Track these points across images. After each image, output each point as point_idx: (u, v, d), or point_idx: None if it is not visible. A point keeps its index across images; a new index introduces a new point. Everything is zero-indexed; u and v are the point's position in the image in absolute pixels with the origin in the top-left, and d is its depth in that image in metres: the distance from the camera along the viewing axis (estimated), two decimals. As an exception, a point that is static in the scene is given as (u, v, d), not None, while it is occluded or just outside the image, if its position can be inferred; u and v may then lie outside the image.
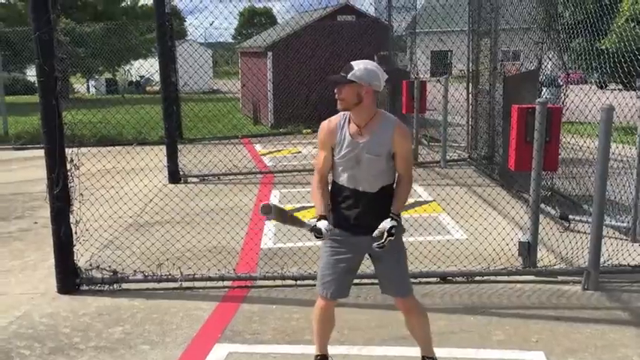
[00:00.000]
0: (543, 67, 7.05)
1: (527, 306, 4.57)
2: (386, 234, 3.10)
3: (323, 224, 3.20)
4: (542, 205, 5.85)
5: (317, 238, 3.21)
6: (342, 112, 3.27)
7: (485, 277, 5.03)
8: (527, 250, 5.05)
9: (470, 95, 10.19)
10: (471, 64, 10.17)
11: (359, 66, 3.12)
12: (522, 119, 5.07)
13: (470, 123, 10.29)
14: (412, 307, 3.39)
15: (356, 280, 3.67)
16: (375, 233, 3.14)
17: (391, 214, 3.17)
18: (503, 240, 5.53)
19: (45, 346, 4.08)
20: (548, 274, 5.04)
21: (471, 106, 10.17)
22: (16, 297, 4.96)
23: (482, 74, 9.62)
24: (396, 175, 3.28)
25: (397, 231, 3.14)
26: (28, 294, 5.01)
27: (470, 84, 10.19)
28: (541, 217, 5.25)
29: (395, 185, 3.29)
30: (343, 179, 3.25)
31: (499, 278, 5.02)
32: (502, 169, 8.05)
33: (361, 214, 3.23)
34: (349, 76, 3.10)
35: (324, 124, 3.31)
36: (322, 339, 3.54)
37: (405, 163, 3.25)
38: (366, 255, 3.37)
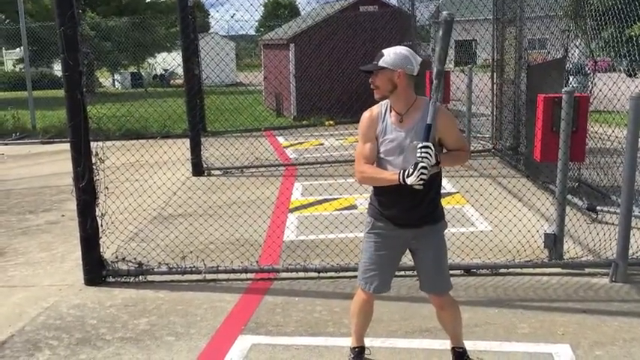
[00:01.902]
0: (570, 55, 6.91)
1: (553, 299, 4.51)
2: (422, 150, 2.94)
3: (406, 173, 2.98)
4: (569, 197, 5.76)
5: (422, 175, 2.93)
6: (382, 102, 3.19)
7: (510, 270, 4.97)
8: (554, 242, 4.97)
9: (495, 85, 10.05)
10: (495, 54, 10.02)
11: (389, 52, 3.08)
12: (548, 109, 4.98)
13: (494, 113, 10.15)
14: (446, 304, 3.37)
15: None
16: (421, 246, 3.21)
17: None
18: (528, 232, 5.46)
19: (72, 336, 4.15)
20: (575, 267, 4.96)
21: (495, 96, 10.03)
22: (45, 288, 5.05)
23: (508, 63, 9.47)
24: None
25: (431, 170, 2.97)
26: (56, 285, 5.10)
27: (494, 73, 10.05)
28: (568, 208, 5.16)
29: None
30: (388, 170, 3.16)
31: (524, 271, 4.96)
32: (527, 160, 7.94)
33: (407, 206, 3.15)
34: (380, 62, 3.06)
35: (365, 115, 3.23)
36: (362, 331, 3.56)
37: (460, 142, 3.21)
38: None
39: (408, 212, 3.17)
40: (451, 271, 4.89)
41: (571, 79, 7.17)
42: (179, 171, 8.52)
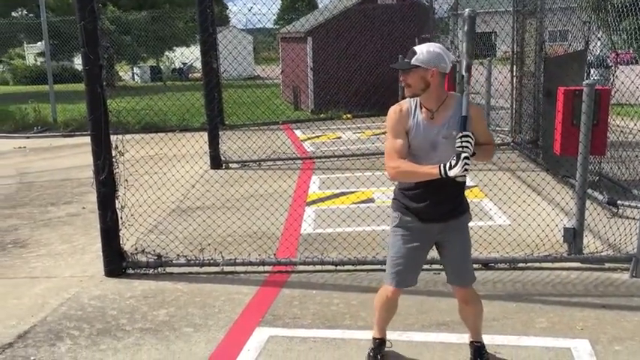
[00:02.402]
0: (591, 47, 6.81)
1: (572, 293, 4.47)
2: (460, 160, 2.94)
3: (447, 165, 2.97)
4: (589, 191, 5.69)
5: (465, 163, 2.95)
6: (409, 98, 3.17)
7: (528, 264, 4.94)
8: (573, 236, 4.92)
9: (514, 78, 9.95)
10: (515, 46, 9.91)
11: (422, 50, 3.04)
12: (569, 102, 4.92)
13: (514, 106, 10.05)
14: (471, 298, 3.37)
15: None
16: (449, 238, 3.23)
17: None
18: (547, 226, 5.41)
19: (93, 327, 4.21)
20: (594, 262, 4.91)
21: (515, 89, 9.93)
22: (66, 279, 5.14)
23: (528, 56, 9.37)
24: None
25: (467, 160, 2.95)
26: (77, 277, 5.18)
27: (514, 66, 9.94)
28: (588, 202, 5.10)
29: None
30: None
31: (543, 265, 4.92)
32: (547, 154, 7.86)
33: (435, 201, 3.15)
34: (413, 61, 3.02)
35: (395, 109, 3.18)
36: (384, 324, 3.58)
37: (488, 136, 3.22)
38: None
39: (436, 207, 3.16)
40: (469, 265, 4.92)
41: (592, 71, 7.07)
42: (197, 164, 8.58)
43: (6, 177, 9.69)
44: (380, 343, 3.58)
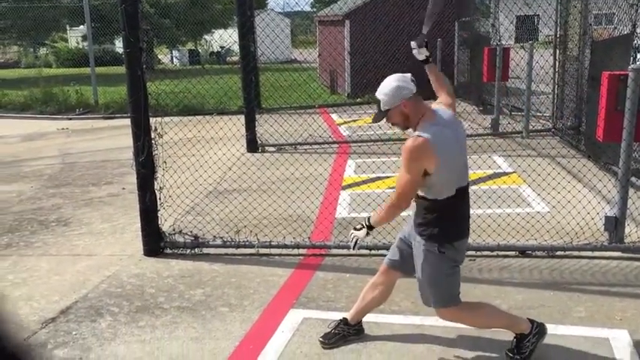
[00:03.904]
0: (638, 31, 6.58)
1: (612, 283, 4.38)
2: (352, 228, 3.42)
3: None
4: (633, 179, 5.53)
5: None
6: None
7: (567, 253, 4.85)
8: (615, 225, 4.80)
9: (557, 62, 9.69)
10: (558, 29, 9.63)
11: (383, 93, 3.18)
12: (613, 86, 4.78)
13: (556, 91, 9.80)
14: (453, 320, 3.41)
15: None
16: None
17: (365, 218, 3.36)
18: (588, 214, 5.29)
19: (132, 304, 4.33)
20: (636, 251, 4.79)
21: (557, 74, 9.68)
22: (107, 258, 5.28)
23: (571, 39, 9.10)
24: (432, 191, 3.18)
25: (360, 230, 3.38)
26: (116, 255, 5.32)
27: (557, 50, 9.68)
28: (631, 191, 4.96)
29: (433, 201, 3.18)
30: None
31: (582, 254, 4.82)
32: (589, 140, 7.66)
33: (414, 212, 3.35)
34: (383, 108, 3.17)
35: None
36: (361, 302, 3.66)
37: (397, 179, 3.19)
38: None
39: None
40: (505, 252, 4.86)
41: (639, 56, 6.83)
42: (234, 147, 8.66)
43: (50, 157, 9.98)
44: (340, 322, 3.71)
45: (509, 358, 3.37)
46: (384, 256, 4.88)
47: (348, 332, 3.67)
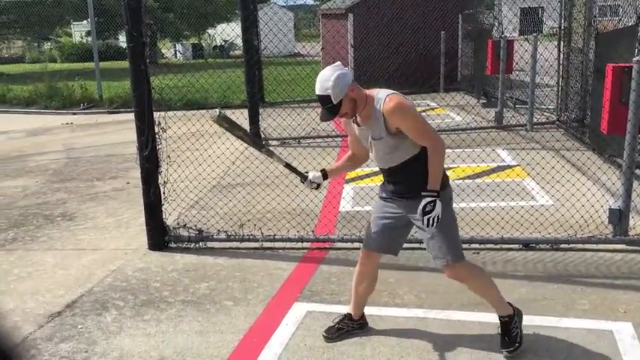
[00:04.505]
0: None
1: (616, 276, 4.37)
2: (423, 215, 3.14)
3: (312, 173, 3.60)
4: (638, 171, 5.52)
5: (302, 182, 3.64)
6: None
7: (571, 246, 4.84)
8: (619, 217, 4.80)
9: (561, 54, 9.65)
10: (563, 21, 9.59)
11: (325, 86, 3.13)
12: (618, 79, 4.76)
13: (560, 84, 9.77)
14: (461, 277, 3.38)
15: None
16: (417, 216, 3.19)
17: (425, 192, 3.16)
18: (592, 207, 5.28)
19: (137, 298, 4.35)
20: (640, 244, 4.78)
21: (561, 66, 9.64)
22: (111, 252, 5.30)
23: (576, 31, 9.06)
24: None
25: (433, 206, 3.13)
26: (121, 249, 5.34)
27: (561, 42, 9.64)
28: (635, 183, 4.95)
29: (419, 154, 3.21)
30: (373, 160, 3.44)
31: (587, 247, 4.82)
32: (594, 133, 7.63)
33: (396, 185, 3.38)
34: (334, 100, 3.14)
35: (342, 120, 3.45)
36: (356, 297, 3.66)
37: (418, 136, 3.17)
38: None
39: (395, 189, 3.40)
40: (509, 246, 4.86)
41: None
42: (238, 141, 8.64)
43: (54, 152, 10.01)
44: (344, 317, 3.68)
45: (508, 352, 3.38)
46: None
47: (352, 327, 3.68)
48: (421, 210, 3.14)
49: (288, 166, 3.65)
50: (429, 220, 3.13)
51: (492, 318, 3.73)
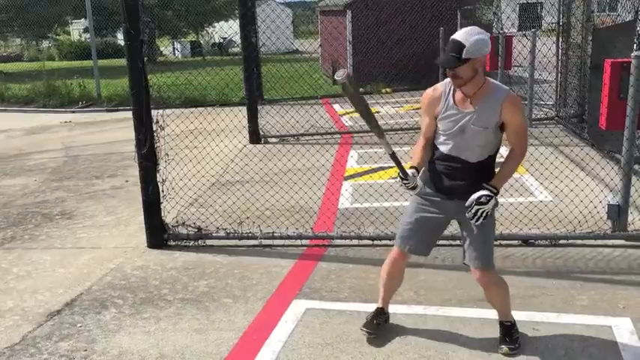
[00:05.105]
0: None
1: (615, 271, 4.38)
2: (475, 203, 3.05)
3: (412, 170, 3.24)
4: (636, 166, 5.52)
5: (402, 180, 3.23)
6: (447, 79, 3.15)
7: (570, 241, 4.84)
8: (618, 213, 4.80)
9: (560, 50, 9.64)
10: (561, 17, 9.58)
11: (467, 39, 2.95)
12: (616, 74, 4.75)
13: (559, 79, 9.76)
14: (489, 283, 3.33)
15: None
16: (468, 202, 3.10)
17: (487, 185, 3.10)
18: (591, 202, 5.28)
19: (136, 296, 4.35)
20: (639, 239, 4.78)
21: (560, 62, 9.63)
22: (110, 250, 5.30)
23: (574, 27, 9.05)
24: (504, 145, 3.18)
25: (488, 200, 3.06)
26: (120, 248, 5.34)
27: (560, 38, 9.63)
28: (634, 178, 4.95)
29: (494, 155, 3.20)
30: (445, 147, 3.21)
31: (586, 242, 4.82)
32: (592, 128, 7.63)
33: (458, 181, 3.20)
34: (465, 54, 2.94)
35: (428, 92, 3.26)
36: (386, 293, 3.62)
37: (518, 137, 3.15)
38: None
39: (456, 186, 3.23)
40: (508, 242, 4.86)
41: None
42: (236, 138, 8.66)
43: (53, 150, 10.00)
44: (378, 312, 3.63)
45: (509, 348, 3.37)
46: (387, 246, 4.93)
47: (385, 320, 3.66)
48: (475, 199, 3.05)
49: (393, 156, 3.27)
50: (478, 211, 3.06)
51: (491, 314, 3.73)
